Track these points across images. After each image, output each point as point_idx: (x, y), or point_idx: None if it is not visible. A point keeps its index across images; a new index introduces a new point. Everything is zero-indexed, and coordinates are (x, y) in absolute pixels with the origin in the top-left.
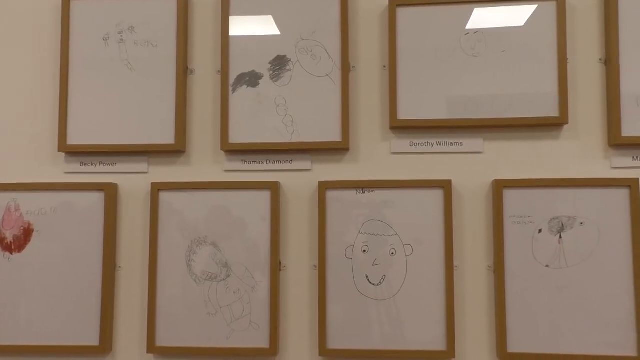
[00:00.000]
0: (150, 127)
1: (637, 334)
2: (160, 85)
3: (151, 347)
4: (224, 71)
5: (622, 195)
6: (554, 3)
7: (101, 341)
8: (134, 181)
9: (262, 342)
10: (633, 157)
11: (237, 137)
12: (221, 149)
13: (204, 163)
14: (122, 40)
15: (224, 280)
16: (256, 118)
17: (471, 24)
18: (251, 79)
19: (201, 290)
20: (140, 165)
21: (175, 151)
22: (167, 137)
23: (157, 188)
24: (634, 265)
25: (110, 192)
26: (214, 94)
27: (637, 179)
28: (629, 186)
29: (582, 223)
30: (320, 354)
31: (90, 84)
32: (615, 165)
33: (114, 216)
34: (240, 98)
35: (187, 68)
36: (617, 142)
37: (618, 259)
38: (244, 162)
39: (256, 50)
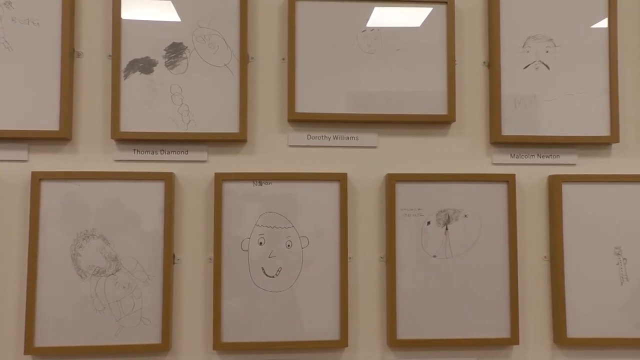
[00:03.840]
0: (31, 112)
1: (510, 317)
2: (42, 67)
3: (29, 348)
4: (115, 56)
5: (501, 190)
6: (444, 6)
7: None
8: (11, 170)
9: (154, 337)
10: (511, 155)
11: (129, 125)
12: (111, 138)
13: (93, 152)
14: None
15: (112, 274)
16: (150, 106)
17: (369, 22)
18: (145, 65)
19: (87, 285)
20: (19, 153)
21: (59, 138)
22: (50, 123)
23: (39, 177)
24: (510, 254)
25: None
26: (104, 80)
27: (514, 174)
28: (507, 181)
29: (466, 215)
30: (214, 348)
31: None
32: (496, 162)
33: None
34: (133, 85)
35: (74, 50)
36: (498, 140)
37: (496, 249)
38: (136, 151)
39: (150, 35)
